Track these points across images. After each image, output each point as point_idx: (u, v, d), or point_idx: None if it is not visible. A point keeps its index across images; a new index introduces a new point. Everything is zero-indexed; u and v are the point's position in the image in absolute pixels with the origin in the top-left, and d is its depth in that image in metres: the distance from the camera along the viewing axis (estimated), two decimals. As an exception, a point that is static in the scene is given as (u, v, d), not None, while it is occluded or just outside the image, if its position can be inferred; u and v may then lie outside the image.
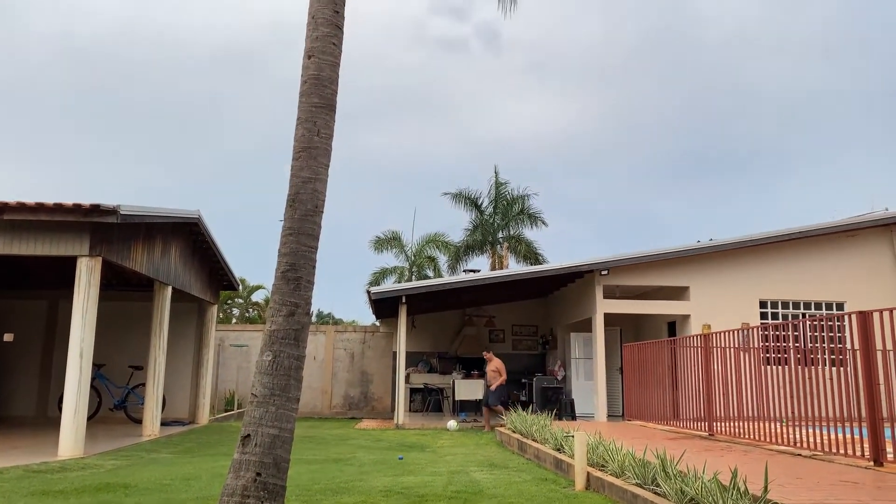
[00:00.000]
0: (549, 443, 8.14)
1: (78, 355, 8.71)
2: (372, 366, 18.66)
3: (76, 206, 8.44)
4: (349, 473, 7.13)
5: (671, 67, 70.86)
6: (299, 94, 4.96)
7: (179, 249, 12.26)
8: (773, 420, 8.12)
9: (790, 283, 14.49)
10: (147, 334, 11.79)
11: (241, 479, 4.12)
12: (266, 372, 4.34)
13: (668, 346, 11.29)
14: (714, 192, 76.30)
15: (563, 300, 17.38)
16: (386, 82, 72.05)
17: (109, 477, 6.87)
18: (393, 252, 26.25)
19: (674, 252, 14.25)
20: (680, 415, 10.78)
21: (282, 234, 4.69)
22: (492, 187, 25.93)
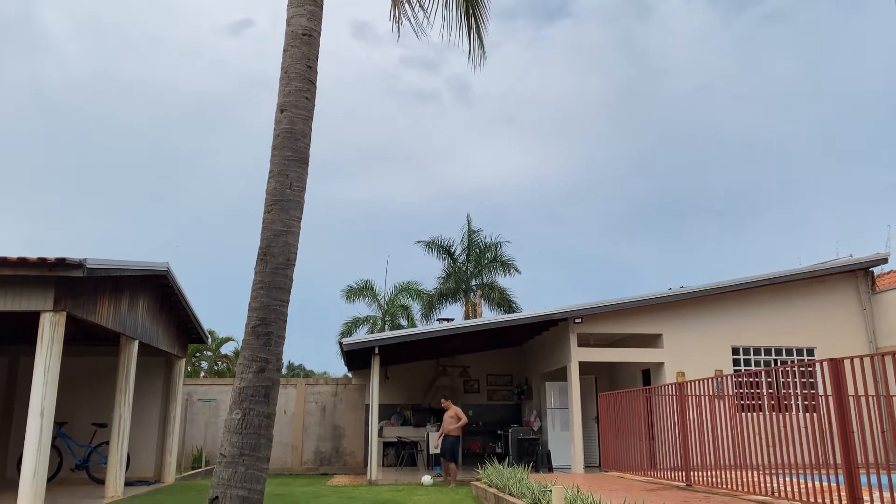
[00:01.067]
0: (526, 497, 7.98)
1: (38, 414, 8.40)
2: (344, 419, 18.31)
3: (41, 260, 8.26)
4: (321, 534, 6.89)
5: (640, 116, 72.66)
6: (272, 148, 4.95)
7: (147, 303, 12.02)
8: (750, 468, 8.08)
9: (761, 329, 14.64)
10: (112, 390, 11.44)
11: (208, 544, 3.95)
12: (235, 431, 4.21)
13: (643, 394, 11.26)
14: (684, 238, 77.57)
15: (537, 348, 17.33)
16: (358, 132, 72.70)
17: (68, 543, 6.55)
18: (365, 301, 26.09)
19: (646, 300, 14.35)
20: (657, 464, 10.69)
21: (252, 287, 4.62)
22: (464, 235, 26.06)
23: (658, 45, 68.69)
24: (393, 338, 14.87)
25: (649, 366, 14.96)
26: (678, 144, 75.81)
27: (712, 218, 77.34)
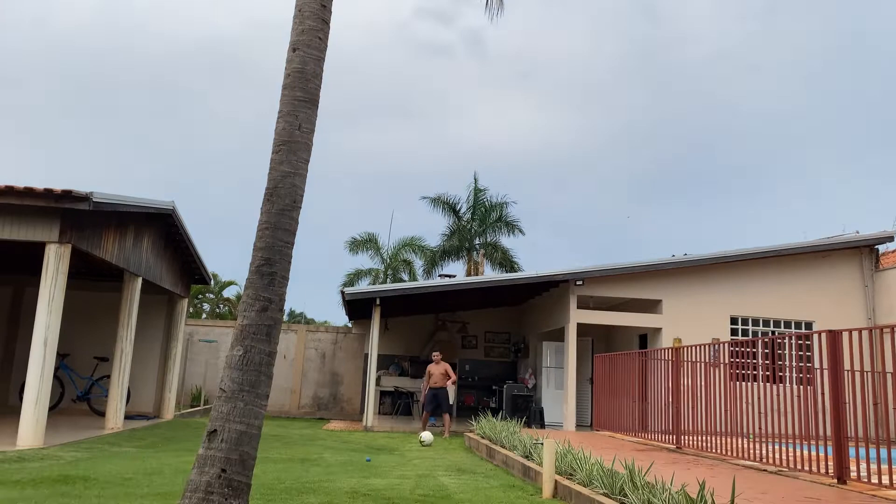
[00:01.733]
0: (517, 450, 8.12)
1: (42, 344, 8.52)
2: (343, 367, 18.53)
3: (47, 191, 8.27)
4: (315, 474, 7.04)
5: (654, 83, 71.65)
6: (282, 87, 4.89)
7: (152, 240, 12.07)
8: (741, 435, 8.19)
9: (761, 300, 14.68)
10: (114, 325, 11.57)
11: (205, 474, 4.04)
12: (236, 367, 4.26)
13: (638, 358, 11.35)
14: (691, 208, 77.19)
15: (536, 309, 17.42)
16: (368, 84, 71.87)
17: (69, 469, 6.71)
18: (368, 254, 26.15)
19: (648, 265, 14.36)
20: (648, 427, 10.84)
21: (258, 228, 4.62)
22: (470, 194, 25.96)
23: (678, 10, 67.32)
24: (395, 290, 14.95)
25: (647, 331, 15.05)
26: (692, 113, 74.91)
27: (720, 189, 76.89)
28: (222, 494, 3.99)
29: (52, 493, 5.31)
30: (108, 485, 5.81)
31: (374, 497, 5.62)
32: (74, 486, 5.73)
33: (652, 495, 4.67)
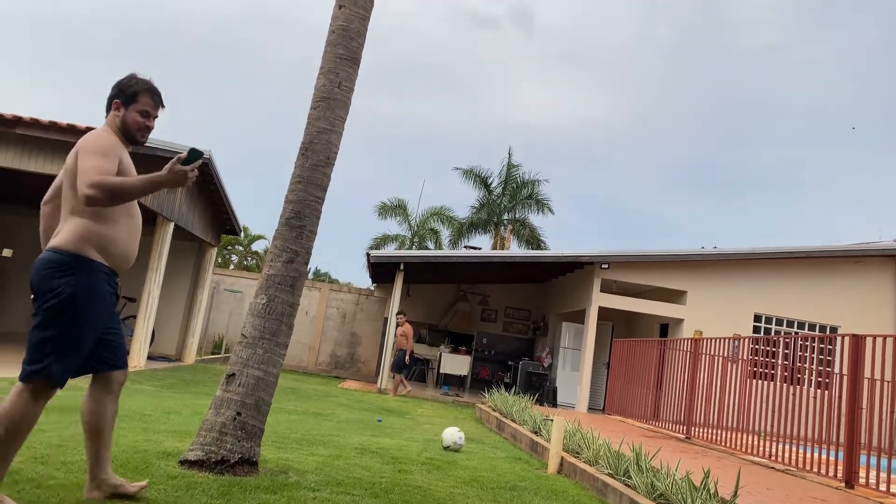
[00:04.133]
0: (527, 424, 8.20)
1: (74, 278, 8.74)
2: (362, 328, 18.75)
3: (88, 128, 8.42)
4: (327, 428, 7.19)
5: (702, 71, 70.19)
6: (325, 44, 4.91)
7: (185, 187, 12.24)
8: (752, 433, 8.17)
9: (787, 300, 14.50)
10: (143, 267, 11.82)
11: (220, 416, 4.16)
12: (258, 314, 4.35)
13: (657, 346, 11.33)
14: (725, 202, 76.04)
15: (559, 288, 17.40)
16: (412, 50, 71.38)
17: (91, 400, 6.93)
18: (397, 220, 26.28)
19: (676, 255, 14.24)
20: (660, 415, 10.85)
21: (290, 181, 4.68)
22: (503, 168, 25.86)
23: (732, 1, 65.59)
24: (419, 257, 15.03)
25: (669, 321, 14.97)
26: (737, 104, 73.35)
27: (756, 184, 75.50)
28: (235, 436, 4.11)
29: (74, 421, 5.49)
30: (127, 419, 5.99)
31: (382, 455, 5.73)
32: (95, 416, 5.93)
33: (656, 479, 4.71)
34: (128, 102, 3.05)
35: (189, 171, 2.83)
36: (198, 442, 4.12)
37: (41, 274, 2.75)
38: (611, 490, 4.97)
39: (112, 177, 2.75)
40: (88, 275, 2.80)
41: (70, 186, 2.85)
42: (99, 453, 3.08)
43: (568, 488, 5.34)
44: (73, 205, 2.84)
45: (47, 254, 2.80)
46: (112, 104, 3.05)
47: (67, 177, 2.88)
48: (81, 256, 2.80)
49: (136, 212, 3.04)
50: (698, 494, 4.32)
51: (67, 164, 2.89)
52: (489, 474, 5.51)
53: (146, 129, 3.11)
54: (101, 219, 2.85)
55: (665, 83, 71.54)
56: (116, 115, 3.05)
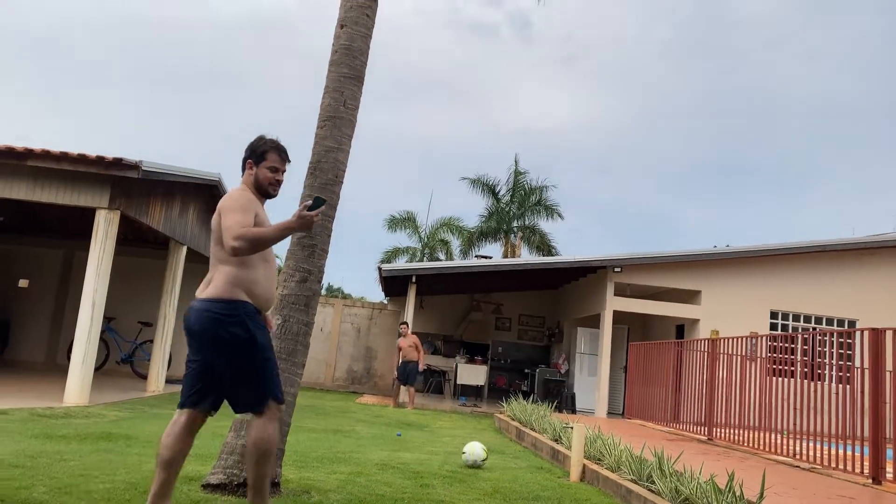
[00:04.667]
0: (547, 433, 8.16)
1: (90, 305, 8.81)
2: (377, 342, 18.75)
3: (99, 158, 8.50)
4: (347, 445, 7.19)
5: (704, 69, 70.08)
6: (329, 64, 4.95)
7: (197, 210, 12.33)
8: (774, 431, 8.09)
9: (804, 295, 14.40)
10: (158, 292, 11.90)
11: (241, 438, 4.17)
12: (274, 335, 4.37)
13: (674, 347, 11.26)
14: (735, 200, 75.66)
15: (572, 294, 17.36)
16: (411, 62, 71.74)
17: (112, 427, 6.97)
18: (406, 232, 26.34)
19: (689, 255, 14.18)
20: (680, 417, 10.77)
21: (300, 201, 4.71)
22: (510, 176, 25.89)
23: (734, -6, 65.59)
24: (431, 268, 15.04)
25: (684, 321, 14.89)
26: (741, 101, 73.14)
27: (766, 180, 75.11)
28: (257, 458, 4.11)
29: (95, 449, 5.54)
30: (148, 444, 6.02)
31: (403, 470, 5.72)
32: (116, 443, 5.96)
33: (680, 483, 4.67)
34: (258, 161, 3.42)
35: (314, 217, 3.18)
36: (219, 465, 4.14)
37: (210, 323, 3.15)
38: (635, 496, 4.93)
39: (252, 228, 3.14)
40: (244, 315, 3.20)
41: (216, 241, 3.28)
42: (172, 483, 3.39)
43: (591, 496, 5.31)
44: (220, 256, 3.25)
45: (204, 303, 3.19)
46: (245, 164, 3.45)
47: (213, 232, 3.31)
48: (235, 301, 3.19)
49: (271, 257, 3.41)
50: (724, 498, 4.28)
51: (213, 224, 3.32)
52: (511, 485, 5.49)
53: (277, 182, 3.47)
54: (244, 266, 3.24)
55: (667, 82, 71.42)
56: (250, 173, 3.44)
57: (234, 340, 3.15)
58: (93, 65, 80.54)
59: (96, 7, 79.38)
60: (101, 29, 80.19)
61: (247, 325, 3.18)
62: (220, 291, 3.19)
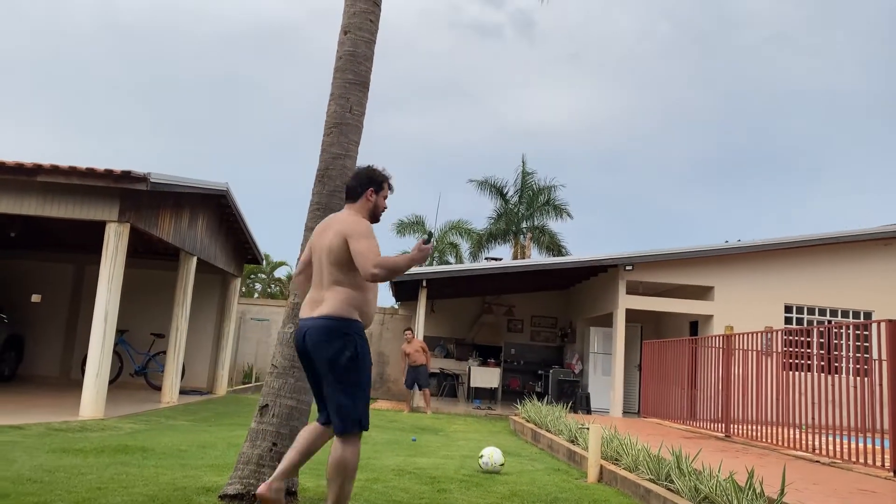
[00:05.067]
0: (562, 434, 8.12)
1: (103, 319, 8.84)
2: (389, 347, 18.74)
3: (107, 171, 8.54)
4: (362, 451, 7.12)
5: (708, 64, 69.84)
6: (334, 70, 4.94)
7: (206, 221, 12.37)
8: (792, 426, 8.02)
9: (818, 288, 14.28)
10: (170, 303, 11.93)
11: (257, 448, 4.16)
12: (287, 343, 4.36)
13: (688, 345, 11.19)
14: (746, 194, 75.27)
15: (584, 293, 17.29)
16: (415, 66, 71.85)
17: (128, 439, 6.98)
18: (415, 236, 26.31)
19: (700, 251, 14.10)
20: (697, 415, 10.70)
21: (309, 208, 4.70)
22: (518, 176, 25.85)
23: (737, -12, 65.33)
24: (441, 272, 15.02)
25: (698, 318, 14.81)
26: (746, 96, 72.81)
27: (775, 175, 74.69)
28: (273, 467, 4.10)
29: (112, 462, 5.54)
30: (164, 456, 6.03)
31: (420, 476, 5.70)
32: (133, 455, 5.97)
33: (699, 482, 4.63)
34: (378, 190, 3.70)
35: (429, 249, 3.42)
36: (236, 475, 4.13)
37: (325, 338, 3.37)
38: (654, 496, 4.89)
39: (387, 257, 3.33)
40: (358, 333, 3.43)
41: (333, 262, 3.45)
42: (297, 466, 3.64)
43: (610, 497, 5.27)
44: (338, 278, 3.44)
45: (324, 322, 3.39)
46: (366, 192, 3.67)
47: (329, 254, 3.47)
48: (351, 319, 3.42)
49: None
50: (744, 495, 4.24)
51: (329, 243, 3.48)
52: (529, 487, 5.46)
53: (384, 209, 3.78)
54: (359, 288, 3.46)
55: (673, 79, 71.23)
56: (369, 200, 3.68)
57: (345, 356, 3.36)
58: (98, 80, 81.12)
59: (99, 22, 79.97)
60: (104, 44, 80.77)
61: (357, 343, 3.40)
62: (337, 310, 3.40)
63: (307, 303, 3.53)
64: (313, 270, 3.59)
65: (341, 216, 3.60)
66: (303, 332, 3.44)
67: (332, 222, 3.59)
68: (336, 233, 3.46)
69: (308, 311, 3.48)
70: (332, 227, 3.52)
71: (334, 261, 3.44)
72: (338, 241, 3.44)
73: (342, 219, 3.55)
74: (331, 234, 3.49)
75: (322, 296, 3.45)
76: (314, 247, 3.61)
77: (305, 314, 3.49)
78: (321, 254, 3.52)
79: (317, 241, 3.60)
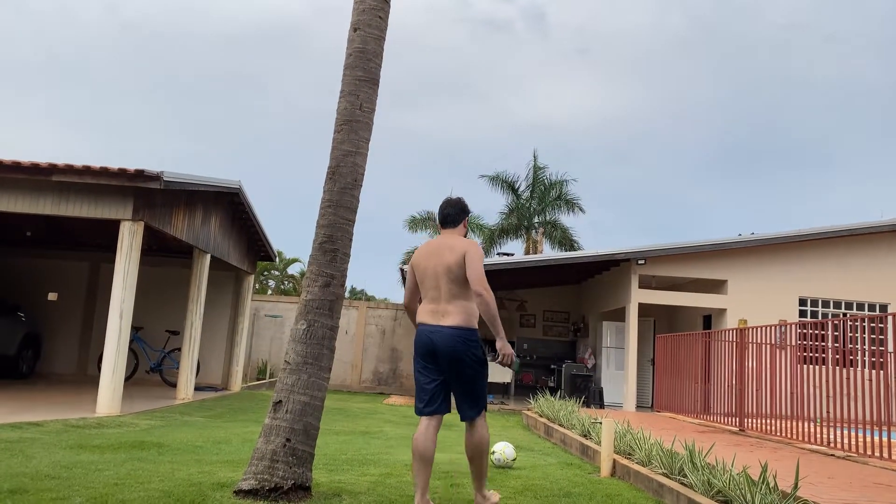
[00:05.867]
0: (575, 428, 8.12)
1: (118, 316, 8.93)
2: (402, 343, 18.79)
3: (121, 170, 8.61)
4: (376, 446, 7.21)
5: (720, 56, 69.28)
6: (343, 67, 4.95)
7: (219, 218, 12.45)
8: (807, 420, 7.98)
9: (833, 281, 14.17)
10: (184, 300, 12.03)
11: (271, 443, 4.20)
12: (300, 340, 4.39)
13: (702, 338, 11.15)
14: (759, 186, 74.72)
15: (596, 288, 17.25)
16: (425, 61, 71.75)
17: (144, 435, 7.06)
18: (428, 232, 26.33)
19: (713, 244, 14.02)
20: (710, 409, 10.66)
21: (321, 206, 4.72)
22: (530, 171, 25.79)
23: (749, -22, 64.70)
24: (453, 267, 15.00)
25: (711, 311, 14.74)
26: (759, 87, 72.18)
27: (788, 166, 74.05)
28: (287, 463, 4.14)
29: (129, 458, 5.61)
30: (179, 451, 6.09)
31: (434, 469, 5.72)
32: (149, 451, 6.03)
33: (712, 476, 4.62)
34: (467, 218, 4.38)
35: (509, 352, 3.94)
36: (250, 471, 4.17)
37: (462, 345, 3.92)
38: (667, 490, 4.89)
39: (491, 294, 3.87)
40: (478, 338, 4.02)
41: (453, 280, 3.96)
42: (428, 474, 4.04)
43: (623, 491, 5.27)
44: (458, 293, 3.97)
45: (455, 331, 3.92)
46: (464, 220, 4.30)
47: (448, 272, 3.96)
48: (474, 329, 3.99)
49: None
50: (757, 489, 4.22)
51: (449, 263, 3.96)
52: (542, 482, 5.47)
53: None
54: (471, 300, 3.98)
55: (684, 70, 70.75)
56: (465, 227, 4.32)
57: (475, 360, 3.95)
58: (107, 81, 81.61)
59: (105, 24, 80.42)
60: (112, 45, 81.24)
61: (483, 348, 4.02)
62: (464, 322, 3.94)
63: (427, 312, 4.02)
64: (426, 286, 4.07)
65: (454, 240, 4.07)
66: (430, 336, 3.94)
67: (444, 246, 4.04)
68: (457, 253, 3.96)
69: (431, 319, 3.98)
70: (452, 249, 3.99)
71: (454, 278, 3.95)
72: (458, 261, 3.94)
73: (458, 241, 4.05)
74: (449, 255, 3.98)
75: (445, 308, 3.96)
76: (423, 267, 4.08)
77: (429, 321, 3.98)
78: (438, 272, 3.99)
79: (428, 262, 4.06)
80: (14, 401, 9.57)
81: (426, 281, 4.05)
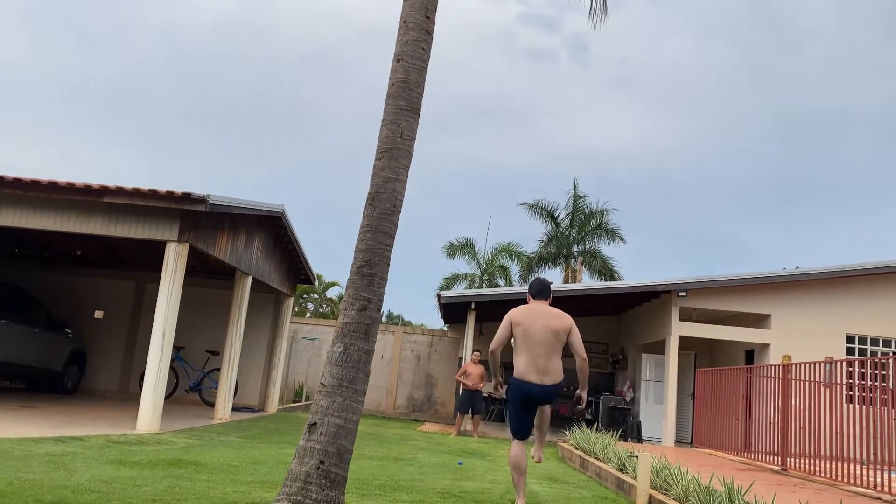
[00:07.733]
0: (611, 462, 7.98)
1: (161, 335, 9.12)
2: (437, 370, 18.75)
3: (169, 193, 8.86)
4: (409, 473, 7.19)
5: (767, 87, 68.44)
6: (386, 96, 5.06)
7: (262, 241, 12.67)
8: (853, 461, 7.71)
9: (882, 318, 13.74)
10: (225, 321, 12.22)
11: (304, 465, 4.23)
12: (336, 363, 4.44)
13: (744, 373, 10.89)
14: (805, 221, 73.14)
15: (636, 319, 17.02)
16: (469, 89, 72.43)
17: (182, 454, 7.16)
18: (465, 259, 26.39)
19: (757, 278, 13.75)
20: (752, 446, 10.38)
21: (360, 230, 4.80)
22: (570, 200, 25.71)
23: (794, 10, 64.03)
24: (489, 295, 15.01)
25: (754, 346, 14.40)
26: (807, 118, 70.99)
27: (837, 199, 72.38)
28: (320, 485, 4.17)
29: (166, 475, 5.70)
30: (216, 471, 6.16)
31: (465, 499, 5.68)
32: (186, 469, 6.12)
33: (752, 516, 4.50)
34: None
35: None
36: (284, 492, 4.20)
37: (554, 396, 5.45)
38: (704, 528, 4.77)
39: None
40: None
41: (560, 342, 5.37)
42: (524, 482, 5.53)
43: (659, 528, 5.15)
44: (558, 353, 5.39)
45: (554, 388, 5.36)
46: (550, 296, 5.64)
47: (555, 336, 5.35)
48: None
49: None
50: (799, 531, 4.10)
51: (556, 330, 5.36)
52: (575, 515, 5.38)
53: None
54: (560, 358, 5.40)
55: (730, 102, 70.04)
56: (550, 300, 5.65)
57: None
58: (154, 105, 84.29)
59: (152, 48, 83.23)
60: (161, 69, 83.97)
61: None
62: (560, 378, 5.38)
63: (533, 369, 5.27)
64: (531, 341, 5.27)
65: (557, 311, 5.44)
66: (536, 390, 5.28)
67: (550, 314, 5.41)
68: (564, 323, 5.34)
69: (537, 377, 5.26)
70: (560, 318, 5.39)
71: (559, 342, 5.31)
72: (565, 329, 5.33)
73: (562, 313, 5.41)
74: (557, 322, 5.34)
75: (546, 367, 5.27)
76: (528, 325, 5.33)
77: (535, 380, 5.27)
78: (546, 334, 5.28)
79: (535, 323, 5.33)
80: (59, 415, 9.81)
81: (533, 336, 5.23)
